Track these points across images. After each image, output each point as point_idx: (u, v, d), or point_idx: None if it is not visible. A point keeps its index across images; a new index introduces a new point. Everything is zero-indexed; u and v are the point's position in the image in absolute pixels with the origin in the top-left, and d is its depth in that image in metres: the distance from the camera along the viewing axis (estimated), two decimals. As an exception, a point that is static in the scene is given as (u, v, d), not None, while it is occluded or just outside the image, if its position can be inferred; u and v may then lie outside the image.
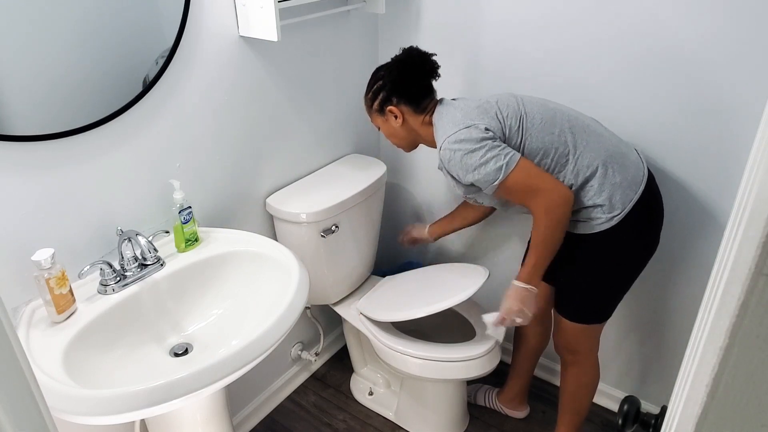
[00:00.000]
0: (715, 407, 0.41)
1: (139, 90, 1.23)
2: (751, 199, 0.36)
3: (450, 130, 1.30)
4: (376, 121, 1.48)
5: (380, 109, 1.44)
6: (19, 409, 0.44)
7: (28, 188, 1.10)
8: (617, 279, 1.40)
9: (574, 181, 1.31)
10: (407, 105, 1.41)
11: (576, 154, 1.30)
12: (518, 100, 1.36)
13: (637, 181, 1.32)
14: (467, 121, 1.30)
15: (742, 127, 1.34)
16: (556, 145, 1.30)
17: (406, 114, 1.42)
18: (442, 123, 1.35)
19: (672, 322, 1.66)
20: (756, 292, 0.36)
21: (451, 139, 1.29)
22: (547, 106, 1.36)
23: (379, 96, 1.43)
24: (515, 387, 1.83)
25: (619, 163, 1.31)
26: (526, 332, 1.73)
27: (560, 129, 1.32)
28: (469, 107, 1.34)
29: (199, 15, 1.30)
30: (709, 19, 1.29)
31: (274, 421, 1.89)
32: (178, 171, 1.37)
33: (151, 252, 1.22)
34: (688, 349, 0.57)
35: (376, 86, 1.43)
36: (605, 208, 1.30)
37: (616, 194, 1.29)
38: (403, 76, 1.40)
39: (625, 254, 1.37)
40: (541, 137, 1.31)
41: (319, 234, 1.62)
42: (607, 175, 1.30)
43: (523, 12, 1.55)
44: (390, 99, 1.41)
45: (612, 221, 1.30)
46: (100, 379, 1.05)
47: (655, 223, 1.38)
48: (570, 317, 1.45)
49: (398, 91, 1.40)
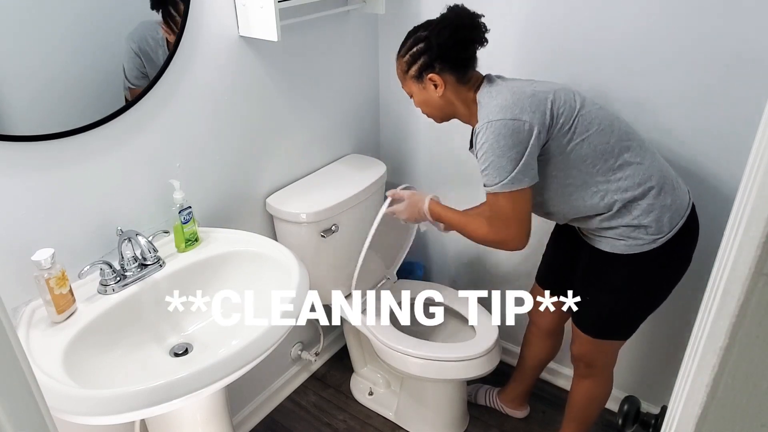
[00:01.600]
0: (715, 407, 0.41)
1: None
2: (751, 199, 0.36)
3: (496, 115, 1.18)
4: (410, 87, 1.31)
5: (418, 76, 1.26)
6: (19, 409, 0.44)
7: (28, 188, 1.10)
8: (648, 300, 1.35)
9: (620, 197, 1.23)
10: (452, 73, 1.24)
11: (627, 170, 1.23)
12: (577, 98, 1.24)
13: (684, 205, 1.27)
14: (515, 111, 1.17)
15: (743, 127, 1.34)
16: (606, 156, 1.22)
17: (448, 84, 1.25)
18: (490, 103, 1.21)
19: (672, 321, 1.66)
20: (756, 293, 0.36)
21: (493, 124, 1.17)
22: (606, 112, 1.26)
23: (419, 60, 1.25)
24: (517, 388, 1.83)
25: (671, 185, 1.26)
26: (533, 342, 1.71)
27: (616, 140, 1.23)
28: (522, 93, 1.20)
29: (199, 15, 1.30)
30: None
31: (274, 421, 1.89)
32: (178, 171, 1.37)
33: (151, 252, 1.22)
34: (688, 349, 0.57)
35: (417, 49, 1.24)
36: (651, 229, 1.23)
37: (664, 217, 1.23)
38: (452, 40, 1.21)
39: (661, 277, 1.31)
40: (594, 145, 1.21)
41: (319, 234, 1.61)
42: (659, 196, 1.23)
43: (523, 12, 1.55)
44: (432, 65, 1.23)
45: (654, 243, 1.24)
46: (100, 379, 1.05)
47: (691, 248, 1.32)
48: (594, 334, 1.39)
49: (444, 57, 1.22)
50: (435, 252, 2.13)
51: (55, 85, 1.10)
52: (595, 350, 1.42)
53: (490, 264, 2.00)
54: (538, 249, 1.84)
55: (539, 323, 1.66)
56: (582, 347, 1.44)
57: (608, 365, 1.48)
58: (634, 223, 1.24)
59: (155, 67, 1.24)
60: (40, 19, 1.05)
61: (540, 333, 1.68)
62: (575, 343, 1.46)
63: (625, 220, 1.25)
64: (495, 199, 1.22)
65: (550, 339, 1.68)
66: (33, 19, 1.04)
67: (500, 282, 2.00)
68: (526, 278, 1.92)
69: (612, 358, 1.47)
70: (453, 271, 2.11)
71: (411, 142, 1.96)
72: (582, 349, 1.44)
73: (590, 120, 1.22)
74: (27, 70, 1.05)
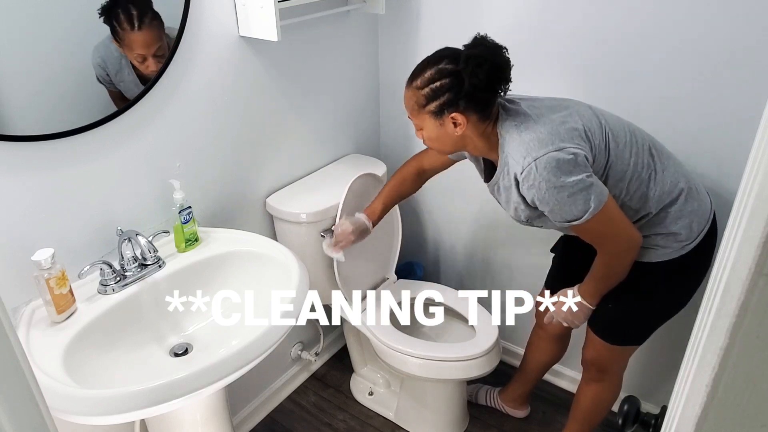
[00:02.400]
0: (715, 407, 0.41)
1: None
2: (751, 199, 0.36)
3: (537, 152, 1.09)
4: (423, 121, 1.18)
5: (438, 112, 1.14)
6: (20, 410, 0.44)
7: (28, 188, 1.10)
8: (670, 307, 1.34)
9: (654, 209, 1.21)
10: (475, 113, 1.14)
11: (656, 178, 1.20)
12: (596, 113, 1.19)
13: (707, 210, 1.25)
14: (557, 141, 1.09)
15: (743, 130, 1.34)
16: (639, 168, 1.19)
17: (470, 122, 1.15)
18: (522, 140, 1.12)
19: (672, 322, 1.66)
20: (756, 293, 0.36)
21: (541, 162, 1.08)
22: (623, 122, 1.23)
23: (441, 97, 1.12)
24: (519, 389, 1.82)
25: (696, 189, 1.24)
26: (538, 345, 1.70)
27: (641, 148, 1.20)
28: (552, 122, 1.13)
29: (199, 15, 1.30)
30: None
31: (274, 421, 1.89)
32: (178, 171, 1.37)
33: (151, 252, 1.22)
34: (688, 349, 0.57)
35: (440, 84, 1.11)
36: (680, 236, 1.22)
37: (693, 223, 1.22)
38: (486, 82, 1.09)
39: (686, 283, 1.30)
40: (626, 158, 1.18)
41: (319, 234, 1.61)
42: (687, 201, 1.21)
43: (523, 13, 1.55)
44: (457, 104, 1.12)
45: (682, 251, 1.23)
46: (100, 379, 1.05)
47: (712, 254, 1.29)
48: (610, 340, 1.37)
49: (473, 99, 1.11)
50: (435, 252, 2.13)
51: (55, 85, 1.10)
52: (609, 355, 1.41)
53: (490, 264, 2.00)
54: (539, 249, 1.84)
55: (547, 327, 1.63)
56: (596, 352, 1.42)
57: (620, 370, 1.47)
58: (664, 231, 1.23)
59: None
60: (40, 18, 1.05)
61: (547, 337, 1.66)
62: (588, 347, 1.45)
63: (655, 229, 1.23)
64: (584, 228, 1.16)
65: (557, 343, 1.66)
66: (32, 18, 1.04)
67: (500, 282, 2.00)
68: (526, 278, 1.92)
69: (624, 364, 1.46)
70: (453, 271, 2.11)
71: (411, 142, 1.96)
72: (596, 354, 1.43)
73: (617, 132, 1.19)
74: (27, 69, 1.05)
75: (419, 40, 1.77)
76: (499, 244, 1.93)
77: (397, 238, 1.85)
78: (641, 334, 1.39)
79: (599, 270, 1.25)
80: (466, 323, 1.74)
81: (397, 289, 1.82)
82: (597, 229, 1.16)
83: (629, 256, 1.21)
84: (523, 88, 1.61)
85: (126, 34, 1.17)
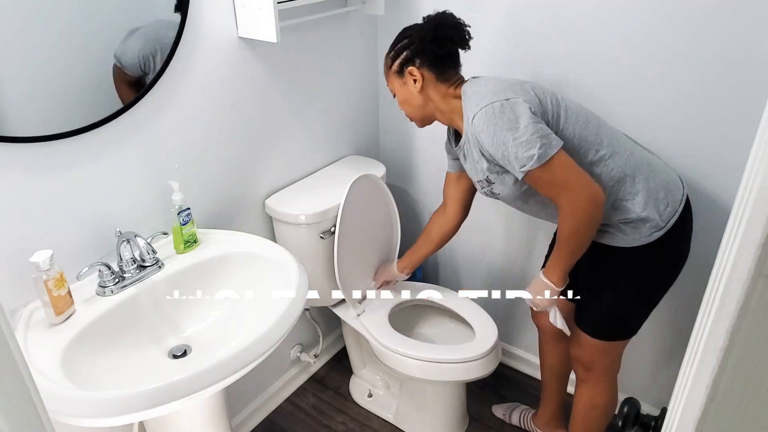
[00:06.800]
0: (714, 409, 0.41)
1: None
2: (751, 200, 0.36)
3: (489, 99, 1.19)
4: (393, 83, 1.37)
5: (400, 70, 1.32)
6: (17, 412, 0.43)
7: (27, 189, 1.10)
8: (649, 294, 1.34)
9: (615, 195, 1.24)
10: (431, 70, 1.29)
11: (617, 160, 1.24)
12: (551, 90, 1.28)
13: (679, 195, 1.27)
14: (508, 93, 1.19)
15: (741, 128, 1.34)
16: (596, 146, 1.23)
17: (427, 79, 1.30)
18: (478, 91, 1.23)
19: (672, 323, 1.66)
20: (756, 294, 0.36)
21: (489, 108, 1.17)
22: (581, 105, 1.30)
23: (401, 55, 1.31)
24: (549, 408, 1.76)
25: (662, 177, 1.27)
26: (547, 350, 1.68)
27: (598, 129, 1.25)
28: (507, 81, 1.25)
29: (198, 16, 1.30)
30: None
31: (273, 423, 1.89)
32: (177, 172, 1.37)
33: (150, 253, 1.22)
34: (688, 350, 0.57)
35: (401, 44, 1.32)
36: (650, 222, 1.24)
37: (660, 207, 1.24)
38: (432, 37, 1.27)
39: (662, 269, 1.31)
40: (580, 132, 1.23)
41: (318, 235, 1.61)
42: (650, 189, 1.24)
43: (524, 13, 1.55)
44: (413, 59, 1.29)
45: (654, 236, 1.25)
46: (98, 381, 1.05)
47: (688, 238, 1.33)
48: (591, 333, 1.38)
49: (424, 52, 1.28)
50: (440, 255, 2.13)
51: (54, 86, 1.10)
52: (593, 352, 1.40)
53: (489, 265, 2.00)
54: (538, 249, 1.84)
55: (545, 327, 1.63)
56: (580, 348, 1.42)
57: (609, 370, 1.44)
58: (633, 216, 1.24)
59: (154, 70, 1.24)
60: (38, 20, 1.05)
61: (549, 338, 1.65)
62: (573, 343, 1.45)
63: (624, 214, 1.25)
64: (538, 176, 1.17)
65: (559, 344, 1.64)
66: (31, 20, 1.04)
67: (500, 283, 2.00)
68: (526, 278, 1.92)
69: (612, 363, 1.43)
70: (452, 271, 2.11)
71: (411, 143, 1.96)
72: (580, 350, 1.42)
73: (571, 107, 1.25)
74: (25, 71, 1.05)
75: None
76: (499, 245, 1.93)
77: (396, 238, 1.85)
78: (626, 328, 1.37)
79: (562, 231, 1.23)
80: (466, 324, 1.73)
81: (396, 290, 1.82)
82: (553, 178, 1.17)
83: (590, 210, 1.18)
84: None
85: None
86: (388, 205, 1.80)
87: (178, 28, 1.26)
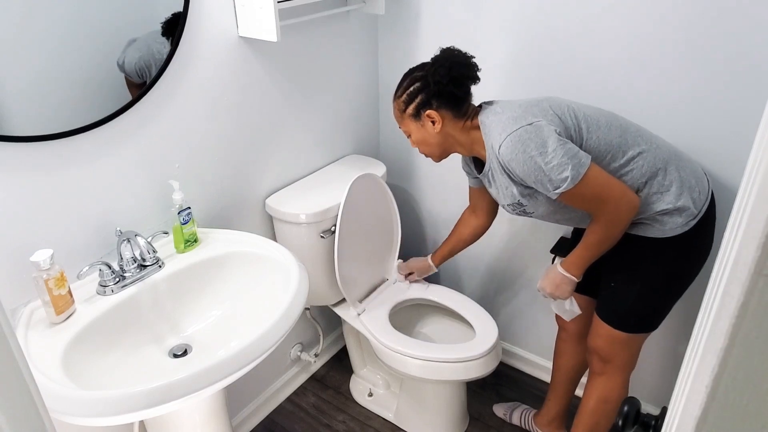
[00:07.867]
0: (715, 408, 0.41)
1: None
2: (751, 200, 0.36)
3: (511, 126, 1.19)
4: (408, 126, 1.35)
5: (416, 114, 1.31)
6: (18, 411, 0.44)
7: (27, 189, 1.10)
8: (678, 286, 1.33)
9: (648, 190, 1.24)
10: (448, 109, 1.29)
11: (646, 157, 1.24)
12: (567, 102, 1.28)
13: (705, 182, 1.28)
14: (528, 117, 1.20)
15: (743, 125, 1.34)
16: (623, 148, 1.23)
17: (446, 119, 1.29)
18: (498, 120, 1.23)
19: (672, 322, 1.66)
20: (756, 293, 0.36)
21: (514, 135, 1.18)
22: (599, 109, 1.29)
23: (416, 99, 1.29)
24: (553, 409, 1.74)
25: (689, 167, 1.27)
26: (564, 349, 1.66)
27: (622, 131, 1.25)
28: (523, 104, 1.25)
29: (198, 15, 1.30)
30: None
31: (274, 423, 1.89)
32: (178, 171, 1.37)
33: (150, 253, 1.22)
34: (688, 349, 0.57)
35: (414, 88, 1.30)
36: (686, 211, 1.24)
37: (694, 195, 1.24)
38: (449, 79, 1.25)
39: (690, 260, 1.31)
40: (604, 137, 1.23)
41: (318, 235, 1.61)
42: (683, 178, 1.24)
43: (524, 13, 1.55)
44: (429, 102, 1.28)
45: (689, 224, 1.25)
46: (99, 380, 1.05)
47: (713, 229, 1.33)
48: (616, 324, 1.36)
49: (440, 94, 1.27)
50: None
51: (54, 86, 1.10)
52: (614, 344, 1.38)
53: (490, 264, 2.00)
54: (539, 249, 1.84)
55: (567, 327, 1.61)
56: (600, 339, 1.40)
57: (626, 366, 1.42)
58: (668, 207, 1.24)
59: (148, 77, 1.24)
60: (38, 20, 1.05)
61: (570, 338, 1.63)
62: (592, 334, 1.42)
63: (657, 206, 1.24)
64: (574, 194, 1.19)
65: (580, 344, 1.61)
66: (32, 20, 1.04)
67: (500, 282, 2.00)
68: (526, 278, 1.93)
69: (630, 357, 1.41)
70: (452, 271, 2.11)
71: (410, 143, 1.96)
72: (600, 341, 1.40)
73: (591, 116, 1.25)
74: (26, 71, 1.05)
75: (419, 41, 1.77)
76: (499, 245, 1.93)
77: (396, 238, 1.85)
78: (649, 320, 1.36)
79: (594, 236, 1.26)
80: (466, 323, 1.74)
81: (396, 290, 1.82)
82: (590, 193, 1.19)
83: (626, 218, 1.22)
84: (523, 86, 1.62)
85: None
86: (389, 205, 1.80)
87: (179, 28, 1.26)
